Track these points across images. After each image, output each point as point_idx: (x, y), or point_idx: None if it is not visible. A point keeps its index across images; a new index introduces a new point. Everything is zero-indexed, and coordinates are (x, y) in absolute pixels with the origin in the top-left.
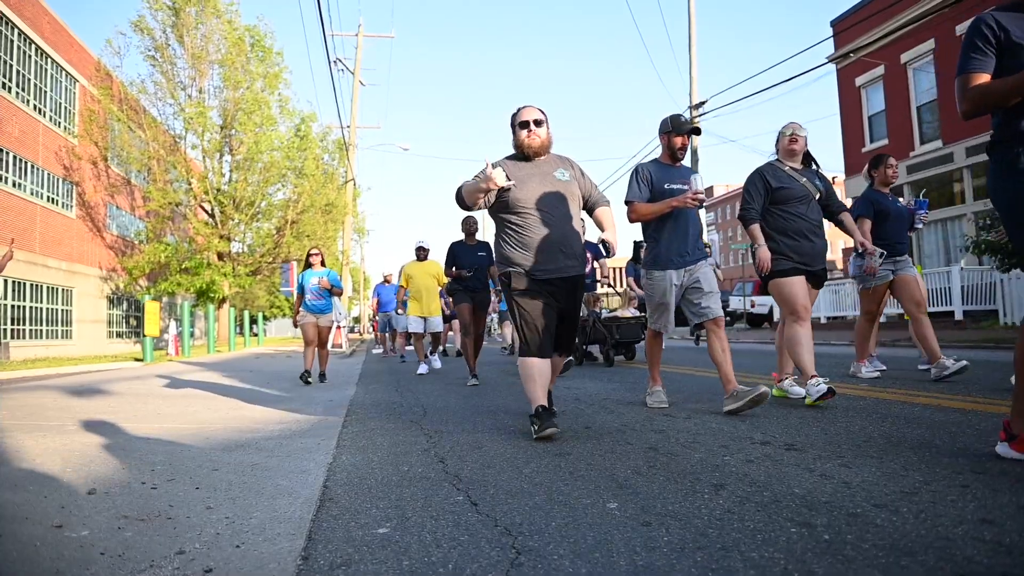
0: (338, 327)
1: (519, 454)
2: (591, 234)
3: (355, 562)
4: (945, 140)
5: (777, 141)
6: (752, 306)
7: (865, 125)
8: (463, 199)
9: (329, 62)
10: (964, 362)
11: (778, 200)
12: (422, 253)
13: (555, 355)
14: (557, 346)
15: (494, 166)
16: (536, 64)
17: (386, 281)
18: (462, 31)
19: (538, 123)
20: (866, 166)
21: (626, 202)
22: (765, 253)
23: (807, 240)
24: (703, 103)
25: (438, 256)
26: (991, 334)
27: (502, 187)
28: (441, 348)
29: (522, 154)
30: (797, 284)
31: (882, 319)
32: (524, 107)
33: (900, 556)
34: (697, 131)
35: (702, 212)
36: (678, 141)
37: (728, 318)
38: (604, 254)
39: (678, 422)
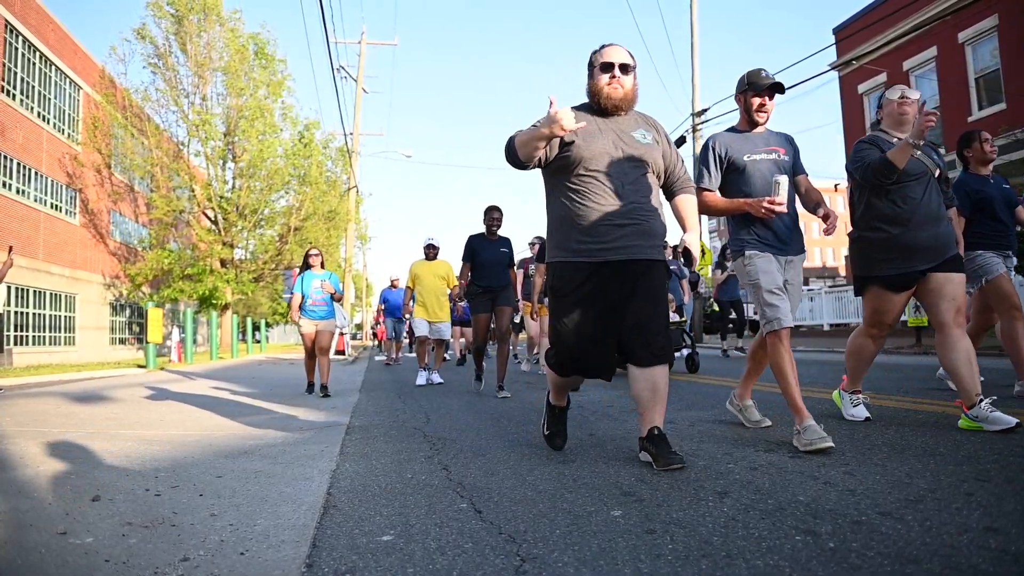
0: (341, 334)
1: (523, 461)
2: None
3: (359, 569)
4: (948, 148)
5: (880, 107)
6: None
7: (868, 132)
8: (515, 152)
9: (332, 70)
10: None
11: None
12: (431, 252)
13: (641, 367)
14: (629, 355)
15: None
16: (538, 68)
17: (393, 285)
18: (464, 36)
19: (625, 68)
20: (956, 149)
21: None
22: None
23: (923, 231)
24: (705, 110)
25: (446, 257)
26: (995, 341)
27: (570, 131)
28: (451, 354)
29: (597, 105)
30: (896, 302)
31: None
32: (609, 45)
33: (905, 564)
34: (780, 88)
35: (704, 219)
36: (755, 101)
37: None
38: (685, 272)
39: (681, 429)
